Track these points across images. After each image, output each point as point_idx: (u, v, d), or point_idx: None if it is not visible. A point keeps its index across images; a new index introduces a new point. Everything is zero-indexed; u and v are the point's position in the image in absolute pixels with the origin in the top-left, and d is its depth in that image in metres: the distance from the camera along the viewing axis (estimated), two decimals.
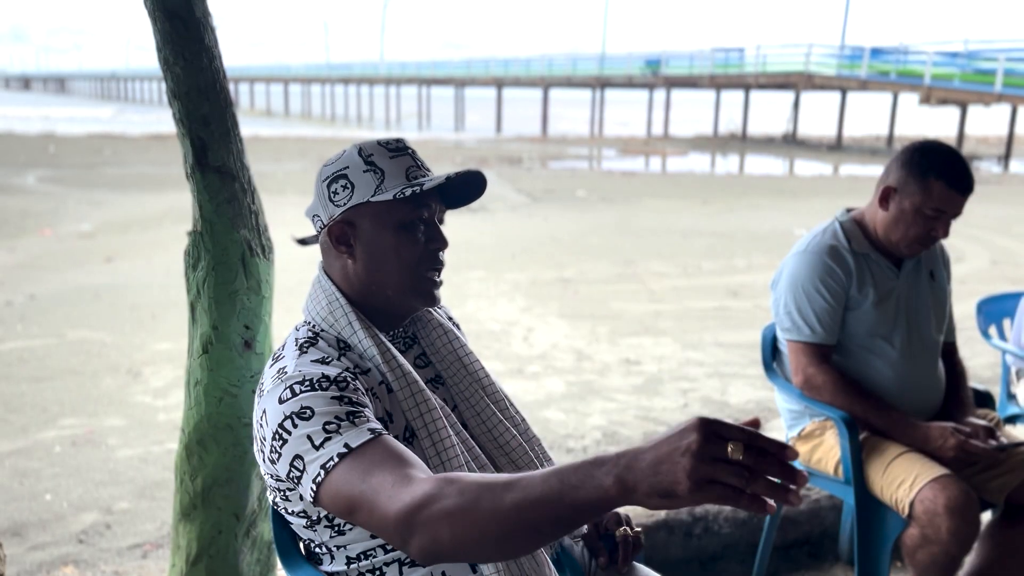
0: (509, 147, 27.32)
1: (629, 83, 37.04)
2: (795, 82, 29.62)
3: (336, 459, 1.10)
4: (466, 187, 1.37)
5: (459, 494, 0.97)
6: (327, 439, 1.11)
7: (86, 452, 3.84)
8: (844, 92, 30.27)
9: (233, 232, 1.64)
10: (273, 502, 1.34)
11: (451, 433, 1.33)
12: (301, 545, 1.44)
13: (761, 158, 25.09)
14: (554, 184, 16.15)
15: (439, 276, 1.37)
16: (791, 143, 30.85)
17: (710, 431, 0.83)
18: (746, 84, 32.29)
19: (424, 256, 1.34)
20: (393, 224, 1.31)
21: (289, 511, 1.29)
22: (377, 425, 1.15)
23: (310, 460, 1.12)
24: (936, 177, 2.12)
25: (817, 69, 29.02)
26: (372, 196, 1.30)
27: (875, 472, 2.15)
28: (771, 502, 0.83)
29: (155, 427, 4.12)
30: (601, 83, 37.01)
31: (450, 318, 1.57)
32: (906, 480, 2.05)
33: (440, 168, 1.41)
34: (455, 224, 10.85)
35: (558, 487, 0.91)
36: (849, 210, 2.37)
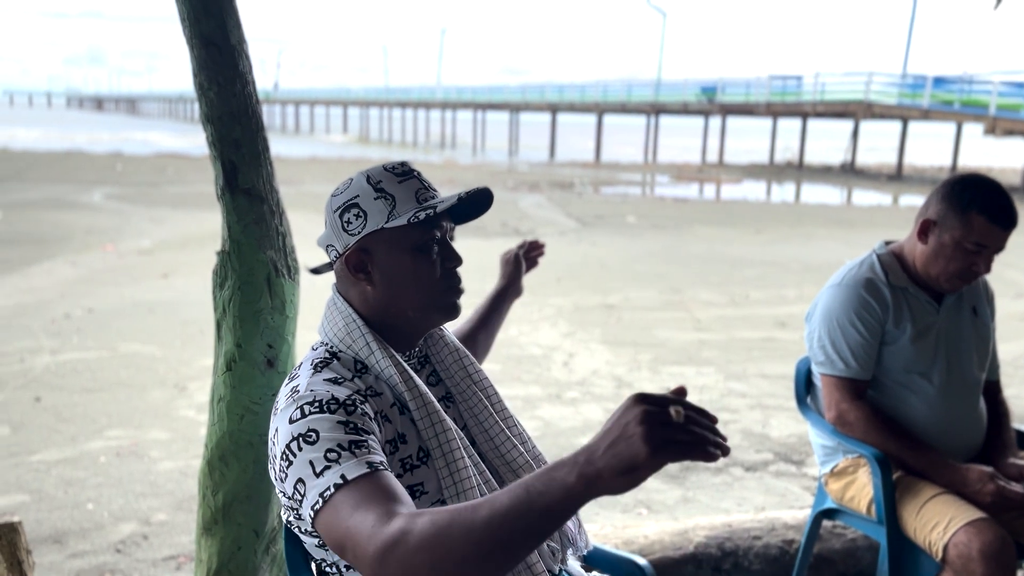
0: (561, 172, 27.39)
1: (684, 110, 36.88)
2: (854, 111, 29.14)
3: (332, 489, 1.11)
4: (474, 203, 1.39)
5: (431, 524, 0.98)
6: (327, 467, 1.13)
7: (129, 463, 3.93)
8: (905, 121, 29.67)
9: (259, 253, 1.68)
10: (287, 520, 1.36)
11: (464, 454, 1.34)
12: (313, 565, 1.45)
13: (818, 187, 24.70)
14: (604, 209, 16.13)
15: (459, 290, 1.39)
16: (849, 172, 30.29)
17: (648, 401, 0.89)
18: (804, 112, 31.86)
19: (442, 275, 1.36)
20: (409, 247, 1.34)
21: (301, 529, 1.31)
22: (377, 457, 1.16)
23: (311, 486, 1.13)
24: (978, 211, 2.07)
25: (877, 98, 28.51)
26: (386, 222, 1.32)
27: (909, 513, 2.09)
28: (718, 451, 0.89)
29: (197, 441, 4.20)
30: (656, 109, 36.92)
31: None
32: (940, 522, 1.98)
33: (459, 188, 1.44)
34: (502, 248, 10.90)
35: (525, 497, 0.93)
36: (888, 243, 2.32)
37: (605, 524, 2.95)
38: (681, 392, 0.95)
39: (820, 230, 13.66)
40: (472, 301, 1.81)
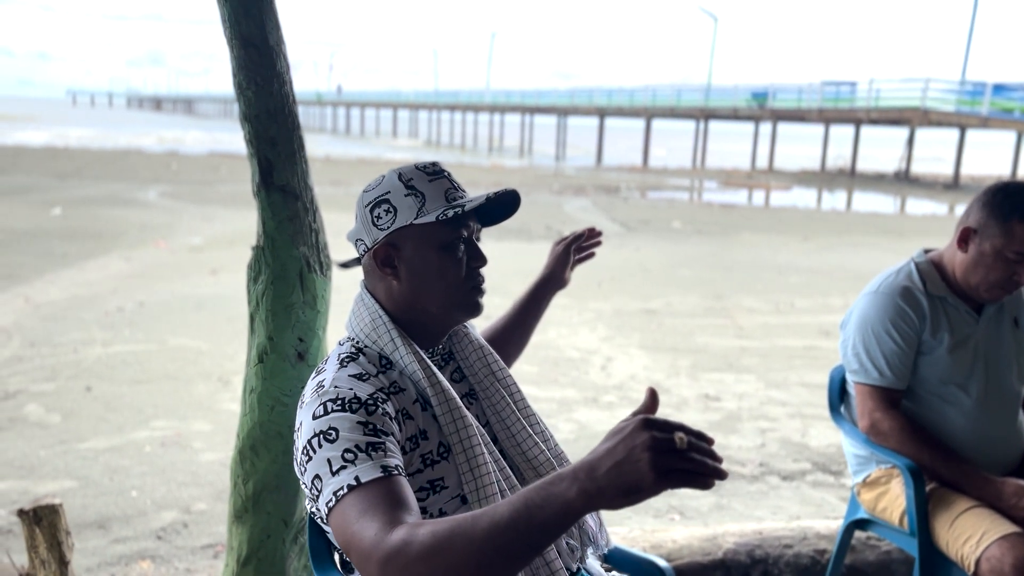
0: (608, 176, 27.32)
1: (734, 115, 36.49)
2: (910, 118, 28.53)
3: (345, 489, 1.13)
4: (502, 206, 1.42)
5: (431, 535, 1.00)
6: (343, 467, 1.15)
7: (173, 453, 4.04)
8: (963, 129, 28.95)
9: (293, 248, 1.72)
10: (310, 511, 1.39)
11: (484, 451, 1.36)
12: (336, 556, 1.49)
13: (870, 195, 24.24)
14: (650, 214, 16.04)
15: (482, 289, 1.41)
16: (903, 181, 29.67)
17: (656, 427, 0.92)
18: (857, 119, 31.28)
19: (467, 274, 1.38)
20: (436, 245, 1.36)
21: (325, 521, 1.34)
22: (393, 461, 1.18)
23: (326, 484, 1.16)
24: (1020, 219, 2.02)
25: (934, 105, 27.88)
26: (415, 219, 1.34)
27: (941, 525, 2.05)
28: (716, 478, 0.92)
29: None
30: (705, 115, 36.61)
31: None
32: (973, 536, 1.95)
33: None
34: (542, 251, 10.91)
35: (524, 510, 0.96)
36: (927, 251, 2.29)
37: (634, 527, 2.95)
38: (653, 396, 0.99)
39: (869, 239, 13.41)
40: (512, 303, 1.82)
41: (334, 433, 1.19)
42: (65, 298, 7.38)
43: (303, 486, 1.30)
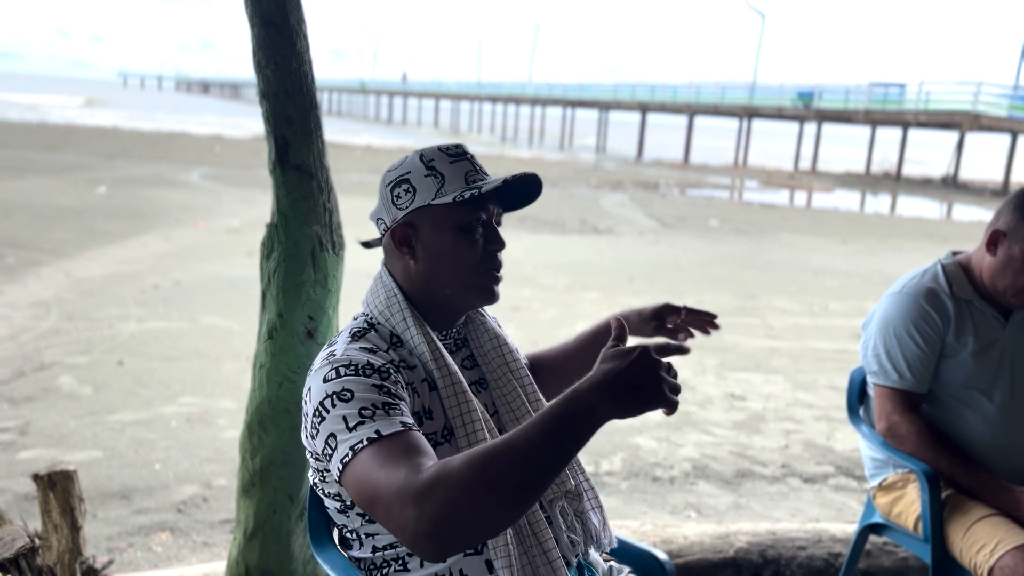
0: (647, 172, 27.12)
1: (779, 114, 35.95)
2: (960, 122, 27.86)
3: (365, 442, 1.14)
4: (523, 190, 1.41)
5: (468, 462, 1.03)
6: (360, 423, 1.16)
7: (197, 429, 4.11)
8: (1015, 135, 28.22)
9: (305, 227, 1.73)
10: (313, 483, 1.40)
11: (488, 437, 1.35)
12: (335, 531, 1.50)
13: (915, 200, 23.75)
14: (687, 211, 15.90)
15: (498, 274, 1.41)
16: (951, 186, 29.02)
17: (661, 353, 1.05)
18: (905, 121, 30.62)
19: (483, 257, 1.38)
20: (452, 226, 1.36)
21: (326, 492, 1.35)
22: (410, 420, 1.19)
23: (342, 440, 1.17)
24: None
25: (986, 109, 27.19)
26: (432, 199, 1.35)
27: (955, 532, 2.01)
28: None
29: None
30: (749, 113, 36.13)
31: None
32: (987, 544, 1.90)
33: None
34: (575, 244, 10.88)
35: (557, 426, 1.02)
36: (955, 253, 2.24)
37: (647, 522, 2.93)
38: (621, 327, 1.11)
39: (911, 243, 13.14)
40: (544, 295, 1.81)
41: (348, 394, 1.20)
42: (104, 274, 7.54)
43: (309, 455, 1.31)
